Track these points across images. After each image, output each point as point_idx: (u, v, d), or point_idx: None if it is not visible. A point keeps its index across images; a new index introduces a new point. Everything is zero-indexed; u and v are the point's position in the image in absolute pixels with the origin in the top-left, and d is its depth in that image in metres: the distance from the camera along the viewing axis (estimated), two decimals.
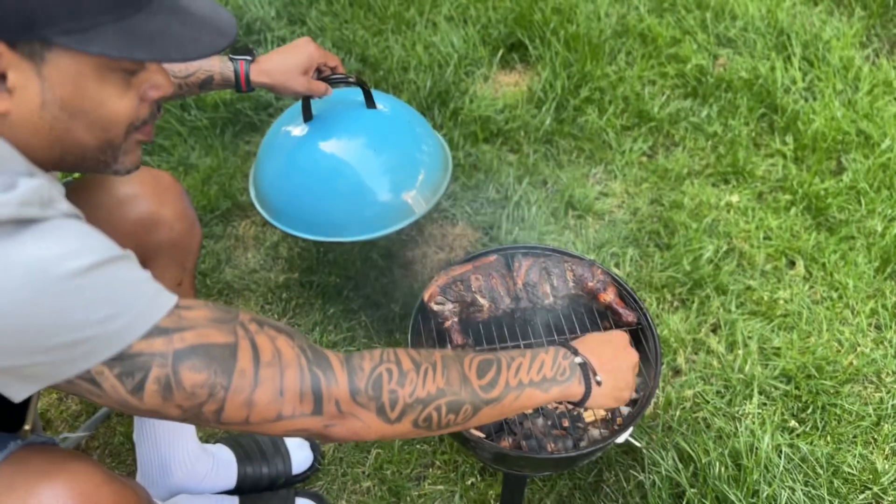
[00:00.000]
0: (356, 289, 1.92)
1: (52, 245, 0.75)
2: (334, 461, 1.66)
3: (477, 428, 1.35)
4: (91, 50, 0.76)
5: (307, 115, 1.56)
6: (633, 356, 1.16)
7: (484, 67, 2.51)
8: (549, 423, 1.37)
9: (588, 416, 1.38)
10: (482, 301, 1.44)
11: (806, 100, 2.41)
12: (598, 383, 1.07)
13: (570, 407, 1.41)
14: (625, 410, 1.40)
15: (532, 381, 1.01)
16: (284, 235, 1.99)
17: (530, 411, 1.38)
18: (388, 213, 1.55)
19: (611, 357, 1.12)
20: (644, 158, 2.28)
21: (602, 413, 1.39)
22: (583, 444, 1.33)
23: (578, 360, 1.07)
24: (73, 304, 0.74)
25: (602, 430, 1.36)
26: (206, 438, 1.70)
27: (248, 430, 0.86)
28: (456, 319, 1.40)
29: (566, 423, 1.39)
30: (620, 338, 1.17)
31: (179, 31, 0.82)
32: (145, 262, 1.28)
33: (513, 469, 1.36)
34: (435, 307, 1.41)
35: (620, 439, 1.31)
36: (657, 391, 1.49)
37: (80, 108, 0.81)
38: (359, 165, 1.55)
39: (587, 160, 2.27)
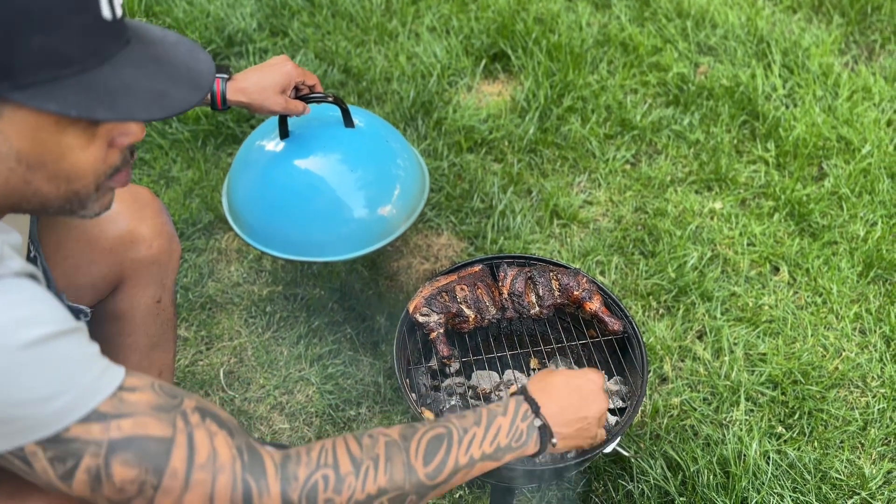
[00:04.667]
0: (341, 301, 1.91)
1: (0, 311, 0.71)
2: None
3: None
4: (47, 108, 0.71)
5: (283, 133, 1.55)
6: (600, 406, 1.09)
7: (467, 77, 2.51)
8: None
9: None
10: (468, 312, 1.43)
11: (787, 106, 2.43)
12: (553, 445, 1.02)
13: None
14: (612, 420, 1.39)
15: (484, 453, 0.96)
16: None
17: None
18: (366, 230, 1.54)
19: (577, 408, 1.05)
20: (627, 166, 2.28)
21: None
22: (570, 455, 1.32)
23: (538, 422, 1.01)
24: (14, 380, 0.71)
25: None
26: None
27: None
28: (441, 331, 1.39)
29: None
30: (592, 383, 1.10)
31: (147, 87, 0.76)
32: (123, 280, 1.26)
33: (500, 481, 1.35)
34: (420, 318, 1.40)
35: (608, 449, 1.30)
36: (644, 399, 1.49)
37: (39, 161, 0.76)
38: (334, 182, 1.54)
39: (571, 169, 2.27)
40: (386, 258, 2.02)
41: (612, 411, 1.40)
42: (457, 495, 1.59)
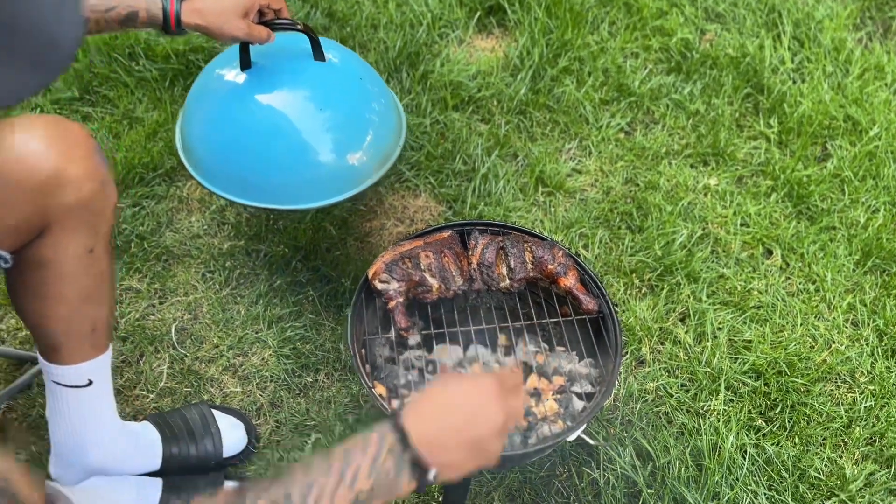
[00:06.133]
0: (305, 260, 1.80)
1: None
2: (271, 444, 1.55)
3: None
4: None
5: (245, 63, 1.42)
6: (495, 418, 0.86)
7: (459, 30, 2.36)
8: None
9: (539, 411, 1.28)
10: (431, 280, 1.32)
11: (794, 81, 2.29)
12: (434, 479, 0.82)
13: None
14: (579, 405, 1.30)
15: None
16: None
17: None
18: (332, 178, 1.42)
19: (460, 429, 0.84)
20: (621, 135, 2.16)
21: (555, 407, 1.29)
22: (531, 440, 1.22)
23: (407, 456, 0.81)
24: None
25: (552, 427, 1.25)
26: (133, 415, 1.58)
27: None
28: (401, 300, 1.28)
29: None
30: (484, 392, 0.87)
31: None
32: (50, 225, 1.14)
33: None
34: (379, 285, 1.29)
35: (572, 437, 1.21)
36: (616, 384, 1.39)
37: None
38: (299, 121, 1.42)
39: (561, 134, 2.14)
40: (357, 217, 1.90)
41: (579, 396, 1.30)
42: None
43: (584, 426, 1.21)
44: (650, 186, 2.01)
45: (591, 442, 1.27)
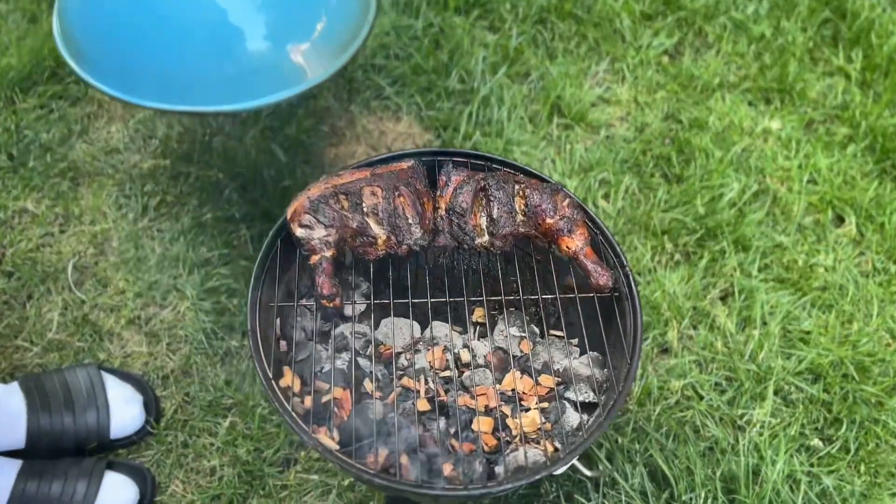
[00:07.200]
0: (243, 190, 1.43)
1: None
2: (174, 424, 1.21)
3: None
4: None
5: None
6: None
7: None
8: (453, 430, 0.88)
9: (514, 425, 0.90)
10: (376, 229, 0.93)
11: (884, 9, 1.91)
12: None
13: (494, 406, 0.92)
14: (574, 420, 0.91)
15: None
16: None
17: (424, 406, 0.90)
18: (264, 74, 1.07)
19: None
20: (665, 58, 1.78)
21: (538, 421, 0.90)
22: (499, 469, 0.85)
23: None
24: None
25: (530, 452, 0.87)
26: (9, 372, 1.23)
27: None
28: (328, 254, 0.89)
29: (485, 430, 0.90)
30: None
31: None
32: None
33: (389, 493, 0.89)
34: (298, 232, 0.91)
35: (560, 470, 0.83)
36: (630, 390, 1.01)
37: None
38: None
39: (589, 52, 1.76)
40: (318, 140, 1.52)
41: (575, 406, 0.92)
42: (345, 482, 1.14)
43: (577, 456, 0.83)
44: (696, 125, 1.63)
45: (587, 472, 0.90)
